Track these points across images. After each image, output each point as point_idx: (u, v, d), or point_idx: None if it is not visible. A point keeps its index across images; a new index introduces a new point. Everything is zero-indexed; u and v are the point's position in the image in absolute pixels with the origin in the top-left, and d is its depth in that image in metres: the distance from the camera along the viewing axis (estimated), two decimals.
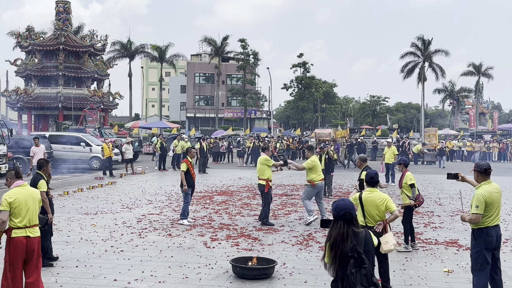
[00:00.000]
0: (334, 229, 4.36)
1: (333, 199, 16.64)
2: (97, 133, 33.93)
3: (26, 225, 6.22)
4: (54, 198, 15.20)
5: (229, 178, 23.36)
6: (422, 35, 60.37)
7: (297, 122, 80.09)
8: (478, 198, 6.27)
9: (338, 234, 4.30)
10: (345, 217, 4.34)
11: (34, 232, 6.30)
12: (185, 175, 12.23)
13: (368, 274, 4.18)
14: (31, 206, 6.30)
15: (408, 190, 9.61)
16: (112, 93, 46.95)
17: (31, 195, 6.37)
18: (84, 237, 10.55)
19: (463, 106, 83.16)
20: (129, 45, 63.17)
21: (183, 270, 8.22)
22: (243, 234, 10.94)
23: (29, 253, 6.24)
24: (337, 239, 4.28)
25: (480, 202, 6.25)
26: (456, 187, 20.34)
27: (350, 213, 4.35)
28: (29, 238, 6.23)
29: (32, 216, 6.29)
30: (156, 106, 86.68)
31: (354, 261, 4.18)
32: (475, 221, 6.28)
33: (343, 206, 4.37)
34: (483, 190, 6.34)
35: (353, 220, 4.38)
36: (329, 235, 4.39)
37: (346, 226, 4.33)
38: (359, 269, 4.17)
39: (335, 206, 4.43)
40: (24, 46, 43.51)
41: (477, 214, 6.25)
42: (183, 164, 12.45)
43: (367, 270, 4.19)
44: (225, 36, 63.77)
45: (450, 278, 7.90)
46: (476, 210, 6.25)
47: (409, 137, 44.56)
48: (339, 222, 4.35)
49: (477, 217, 6.26)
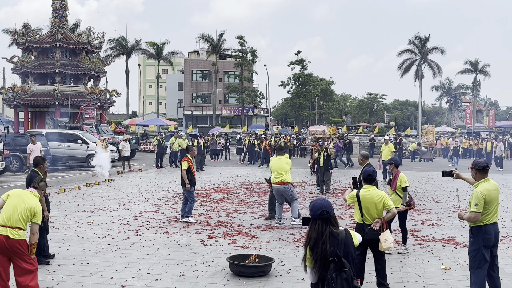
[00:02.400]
0: (313, 230, 4.20)
1: (330, 196, 16.63)
2: (94, 131, 33.84)
3: (6, 224, 6.03)
4: (50, 195, 15.16)
5: (226, 175, 23.33)
6: (418, 33, 60.50)
7: (294, 120, 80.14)
8: (477, 197, 6.25)
9: (317, 235, 4.15)
10: (322, 216, 4.18)
11: (15, 234, 6.03)
12: (187, 173, 12.16)
13: (348, 278, 4.06)
14: (20, 209, 6.10)
15: (401, 193, 9.23)
16: (109, 90, 46.79)
17: (28, 202, 6.19)
18: (81, 235, 10.52)
19: (460, 103, 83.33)
20: (125, 42, 63.01)
21: (180, 267, 8.20)
22: (240, 232, 10.92)
23: (11, 253, 6.04)
24: (317, 240, 4.14)
25: (480, 201, 6.23)
26: (453, 184, 20.35)
27: (328, 211, 4.19)
28: (9, 238, 6.00)
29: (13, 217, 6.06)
30: (153, 103, 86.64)
31: (334, 265, 4.06)
32: (474, 219, 6.25)
33: (320, 205, 4.21)
34: (482, 188, 6.32)
35: (331, 219, 4.23)
36: (308, 237, 4.22)
37: (324, 226, 4.18)
38: (339, 273, 4.05)
39: (311, 206, 4.27)
40: (20, 43, 43.33)
41: (477, 212, 6.23)
42: (184, 163, 12.32)
43: (347, 274, 4.07)
44: (222, 32, 63.75)
45: (448, 276, 7.90)
46: (476, 208, 6.23)
47: (399, 134, 44.53)
48: (317, 222, 4.20)
49: (477, 216, 6.24)
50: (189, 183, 12.08)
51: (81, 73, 43.42)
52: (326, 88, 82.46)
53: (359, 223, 7.01)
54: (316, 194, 16.99)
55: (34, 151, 19.62)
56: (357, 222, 7.10)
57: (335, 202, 15.35)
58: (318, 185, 18.13)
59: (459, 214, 6.60)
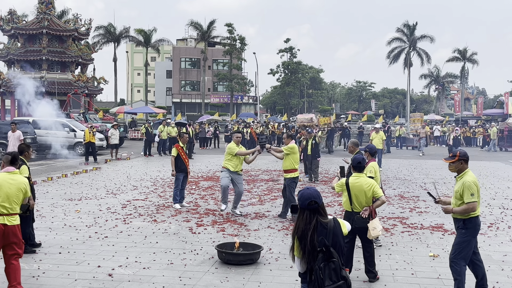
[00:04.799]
0: (301, 220, 4.13)
1: (319, 184, 16.64)
2: (82, 119, 33.53)
3: (3, 212, 6.11)
4: (37, 184, 15.03)
5: (215, 163, 23.26)
6: (407, 21, 60.47)
7: (283, 108, 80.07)
8: (471, 186, 6.17)
9: (305, 225, 4.09)
10: (310, 206, 4.11)
11: (12, 221, 6.20)
12: (176, 160, 12.34)
13: (337, 268, 4.02)
14: (13, 195, 6.20)
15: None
16: (96, 78, 46.38)
17: (16, 183, 6.26)
18: (68, 223, 10.42)
19: (448, 91, 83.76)
20: (113, 29, 62.41)
21: (168, 256, 8.15)
22: (229, 220, 10.89)
23: (8, 239, 6.18)
24: (305, 231, 4.07)
25: (474, 190, 6.17)
26: (441, 172, 20.46)
27: (316, 201, 4.12)
28: (7, 226, 6.14)
29: (11, 204, 6.18)
30: (142, 91, 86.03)
31: (322, 255, 4.01)
32: (472, 209, 6.15)
33: (308, 195, 4.13)
34: (473, 177, 6.29)
35: (320, 209, 4.15)
36: (296, 227, 4.16)
37: (312, 216, 4.11)
38: (328, 263, 4.00)
39: (300, 196, 4.20)
40: (6, 30, 42.72)
41: (474, 202, 6.14)
42: (174, 149, 12.59)
43: (335, 264, 4.02)
44: (212, 20, 63.36)
45: (436, 263, 7.92)
46: (472, 198, 6.13)
47: (388, 122, 44.69)
48: (305, 212, 4.12)
49: (474, 205, 6.14)
50: (174, 170, 12.33)
51: (68, 60, 42.98)
52: (315, 76, 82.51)
53: (348, 211, 6.99)
54: (305, 182, 16.99)
55: (12, 139, 19.38)
56: (346, 210, 7.08)
57: (323, 190, 15.37)
58: (306, 172, 18.13)
59: (445, 209, 6.49)
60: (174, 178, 12.51)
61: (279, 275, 7.27)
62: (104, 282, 6.90)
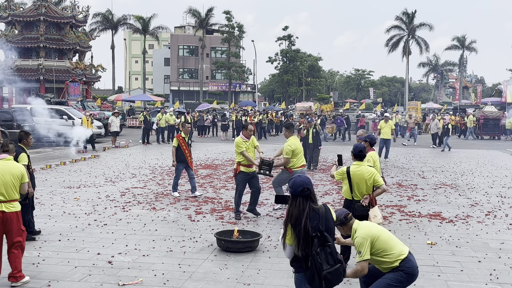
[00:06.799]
0: (293, 207, 4.17)
1: (317, 172, 16.68)
2: (80, 106, 33.45)
3: (0, 199, 6.12)
4: (36, 171, 15.03)
5: (213, 151, 23.27)
6: (406, 9, 60.29)
7: (281, 96, 79.95)
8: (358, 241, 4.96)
9: (299, 212, 4.13)
10: (303, 193, 4.16)
11: (11, 208, 6.23)
12: (176, 150, 12.15)
13: (333, 252, 4.12)
14: (8, 181, 6.22)
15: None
16: (94, 65, 46.26)
17: (9, 170, 6.26)
18: (67, 211, 10.45)
19: (447, 80, 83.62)
20: (111, 16, 62.09)
21: (167, 243, 8.18)
22: (228, 208, 10.92)
23: (7, 226, 6.22)
24: (299, 218, 4.12)
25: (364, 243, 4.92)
26: (439, 160, 20.51)
27: (308, 188, 4.17)
28: (5, 213, 6.16)
29: (7, 191, 6.20)
30: (140, 79, 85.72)
31: (318, 240, 4.09)
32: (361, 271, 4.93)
33: (301, 182, 4.18)
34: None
35: (312, 196, 4.21)
36: (289, 214, 4.19)
37: (305, 203, 4.16)
38: (323, 247, 4.09)
39: (292, 183, 4.23)
40: (3, 17, 42.52)
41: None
42: (174, 140, 12.37)
43: (331, 248, 4.12)
44: (210, 7, 63.06)
45: (433, 250, 7.96)
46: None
47: (386, 110, 44.59)
48: (298, 199, 4.17)
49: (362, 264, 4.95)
50: (175, 160, 12.12)
51: (66, 47, 42.84)
52: (314, 64, 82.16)
53: (348, 199, 7.02)
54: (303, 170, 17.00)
55: None
56: (345, 198, 7.10)
57: (322, 178, 15.41)
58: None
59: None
60: (175, 168, 12.29)
61: (278, 262, 7.32)
62: (103, 269, 6.93)
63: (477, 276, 6.84)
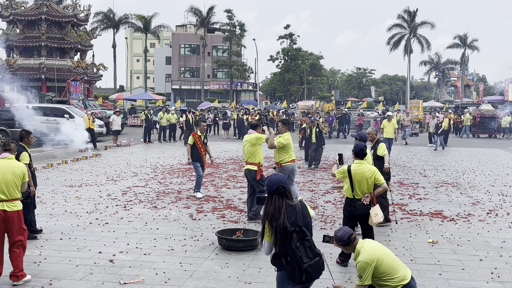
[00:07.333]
0: (270, 205, 4.33)
1: (319, 171, 16.68)
2: (81, 105, 33.46)
3: (2, 198, 6.13)
4: (38, 170, 15.04)
5: (215, 150, 23.26)
6: (408, 7, 60.24)
7: (283, 95, 79.89)
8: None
9: (275, 209, 4.28)
10: (278, 191, 4.32)
11: (12, 206, 6.24)
12: (192, 148, 12.03)
13: (311, 246, 4.29)
14: (10, 180, 6.22)
15: None
16: (96, 64, 46.29)
17: (11, 169, 6.27)
18: (69, 210, 10.46)
19: (448, 78, 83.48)
20: (112, 15, 62.10)
21: (168, 242, 8.19)
22: (229, 206, 10.93)
23: (8, 225, 6.23)
24: (275, 214, 4.26)
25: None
26: (441, 159, 20.50)
27: (283, 186, 4.34)
28: (6, 212, 6.18)
29: (9, 190, 6.21)
30: (141, 77, 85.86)
31: (296, 235, 4.22)
32: None
33: (276, 181, 4.35)
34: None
35: (287, 193, 4.37)
36: (265, 212, 4.35)
37: (280, 200, 4.32)
38: (302, 242, 4.24)
39: (267, 182, 4.40)
40: (4, 16, 42.56)
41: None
42: (190, 137, 12.22)
43: (310, 242, 4.29)
44: (212, 6, 63.02)
45: (435, 249, 7.96)
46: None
47: (388, 109, 44.57)
48: (274, 197, 4.34)
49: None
50: (190, 158, 12.01)
51: (67, 46, 42.86)
52: (315, 63, 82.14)
53: (349, 197, 7.01)
54: (305, 169, 17.03)
55: None
56: (346, 196, 7.10)
57: (323, 176, 15.40)
58: (306, 159, 18.16)
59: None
60: (193, 167, 12.16)
61: None
62: (105, 268, 6.94)
63: (478, 274, 6.84)
